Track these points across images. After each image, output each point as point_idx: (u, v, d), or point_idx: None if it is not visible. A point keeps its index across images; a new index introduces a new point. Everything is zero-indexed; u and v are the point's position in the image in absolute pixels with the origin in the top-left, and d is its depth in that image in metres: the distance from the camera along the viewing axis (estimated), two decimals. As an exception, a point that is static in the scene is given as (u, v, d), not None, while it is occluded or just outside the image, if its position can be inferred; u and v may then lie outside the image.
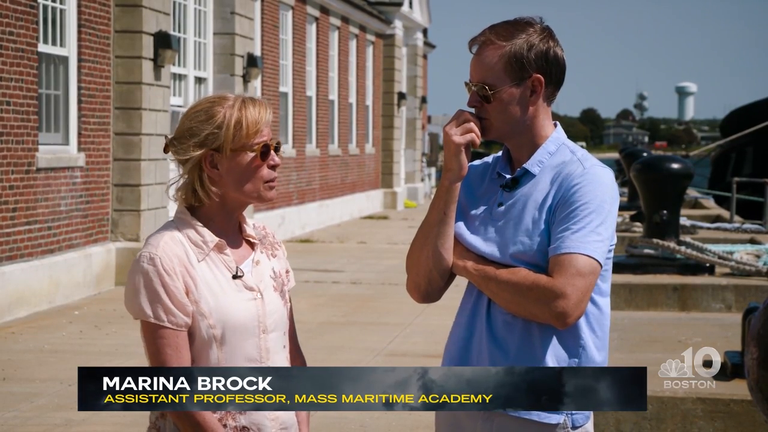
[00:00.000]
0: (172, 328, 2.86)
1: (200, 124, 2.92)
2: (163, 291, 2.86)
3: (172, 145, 2.96)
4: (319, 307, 11.88)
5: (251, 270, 3.00)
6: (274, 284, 3.03)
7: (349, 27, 25.95)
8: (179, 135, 2.95)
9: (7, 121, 10.88)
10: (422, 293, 3.11)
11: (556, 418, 2.97)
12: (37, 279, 11.32)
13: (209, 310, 2.89)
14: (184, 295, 2.87)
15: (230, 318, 2.91)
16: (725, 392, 6.42)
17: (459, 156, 3.00)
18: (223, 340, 2.90)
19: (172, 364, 2.85)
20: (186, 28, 15.88)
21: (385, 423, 7.14)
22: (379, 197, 28.92)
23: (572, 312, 2.89)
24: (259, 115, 2.94)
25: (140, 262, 2.89)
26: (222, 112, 2.91)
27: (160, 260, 2.87)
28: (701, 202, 22.79)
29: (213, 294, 2.91)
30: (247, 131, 2.91)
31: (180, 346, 2.87)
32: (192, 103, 3.06)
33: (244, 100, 2.95)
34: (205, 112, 2.93)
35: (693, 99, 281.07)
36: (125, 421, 7.06)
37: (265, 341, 2.97)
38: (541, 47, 3.01)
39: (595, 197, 2.95)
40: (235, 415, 2.90)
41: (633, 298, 10.07)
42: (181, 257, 2.90)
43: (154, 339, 2.87)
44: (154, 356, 2.87)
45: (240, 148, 2.91)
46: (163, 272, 2.86)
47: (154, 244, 2.91)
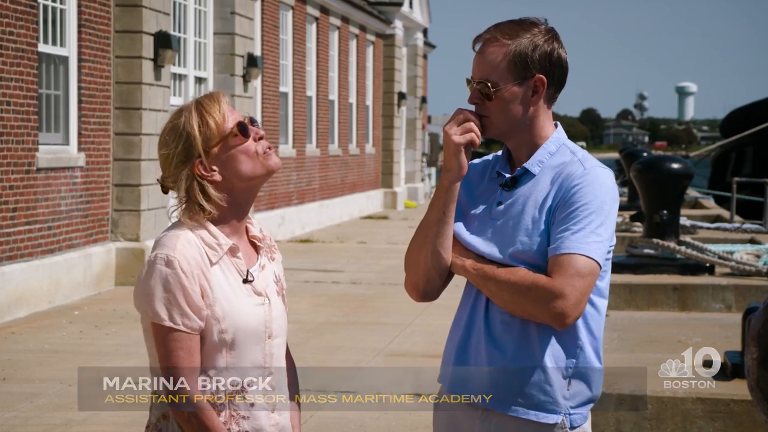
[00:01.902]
0: (186, 331, 2.83)
1: (172, 143, 2.90)
2: (181, 294, 2.82)
3: (165, 180, 2.94)
4: (319, 307, 11.88)
5: (258, 274, 2.99)
6: (276, 288, 3.03)
7: (349, 27, 25.95)
8: (164, 166, 2.93)
9: (7, 121, 10.88)
10: (421, 292, 3.11)
11: (554, 418, 2.97)
12: (37, 279, 11.32)
13: (223, 315, 2.87)
14: (200, 298, 2.85)
15: (242, 323, 2.89)
16: (725, 392, 6.42)
17: (458, 156, 3.00)
18: (233, 345, 2.88)
19: (183, 368, 2.82)
20: (186, 28, 15.88)
21: (385, 423, 7.14)
22: (379, 197, 28.91)
23: (571, 312, 2.88)
24: (217, 103, 2.92)
25: (156, 264, 2.83)
26: (183, 122, 2.90)
27: (179, 262, 2.83)
28: (701, 202, 22.78)
29: (227, 298, 2.89)
30: (216, 122, 2.89)
31: (193, 349, 2.84)
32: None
33: (197, 100, 2.94)
34: (170, 132, 2.92)
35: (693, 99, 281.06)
36: (125, 421, 7.06)
37: (270, 347, 2.97)
38: (546, 48, 3.01)
39: (596, 198, 2.95)
40: (239, 420, 2.90)
41: (633, 298, 10.06)
42: (198, 260, 2.86)
43: (167, 341, 2.83)
44: (166, 358, 2.84)
45: (220, 140, 2.90)
46: (182, 274, 2.82)
47: (170, 245, 2.86)
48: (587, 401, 3.03)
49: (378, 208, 28.67)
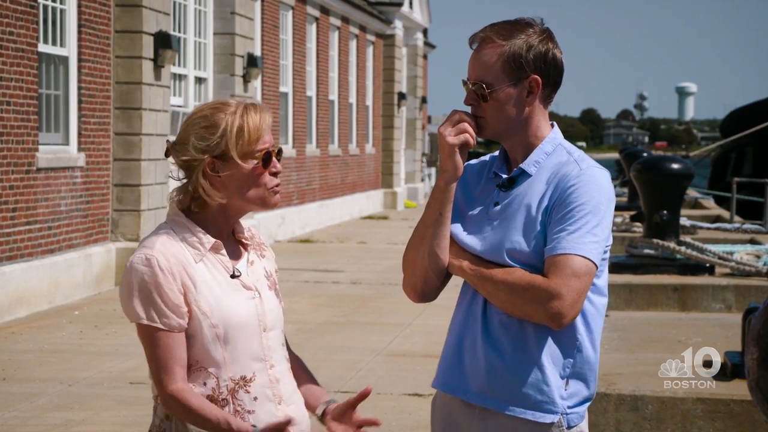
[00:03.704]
0: (164, 329, 2.85)
1: (203, 130, 2.91)
2: (156, 293, 2.84)
3: (174, 150, 2.95)
4: (319, 307, 11.88)
5: (246, 270, 3.01)
6: (268, 283, 3.05)
7: (349, 27, 25.95)
8: (181, 140, 2.94)
9: (7, 121, 10.88)
10: (418, 293, 3.11)
11: (551, 418, 2.98)
12: (37, 279, 11.32)
13: (210, 310, 2.89)
14: (179, 296, 2.87)
15: (231, 317, 2.91)
16: (725, 392, 6.41)
17: (453, 156, 3.01)
18: (226, 339, 2.90)
19: (168, 366, 2.85)
20: (186, 28, 15.88)
21: (385, 423, 7.14)
22: (379, 197, 28.92)
23: (567, 313, 2.89)
24: (261, 122, 2.94)
25: (134, 264, 2.87)
26: (224, 119, 2.91)
27: (157, 261, 2.86)
28: (701, 202, 22.77)
29: (213, 294, 2.91)
30: (249, 138, 2.91)
31: (171, 347, 2.86)
32: (194, 107, 3.04)
33: (246, 106, 2.94)
34: (208, 119, 2.92)
35: (693, 99, 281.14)
36: (125, 421, 7.06)
37: (267, 339, 2.98)
38: (540, 48, 3.02)
39: (592, 198, 2.95)
40: (243, 414, 2.91)
41: (633, 298, 10.05)
42: (179, 257, 2.89)
43: (149, 341, 2.87)
44: (150, 358, 2.88)
45: (242, 156, 2.91)
46: (159, 272, 2.85)
47: (149, 245, 2.89)
48: (584, 400, 3.04)
49: (378, 208, 28.67)
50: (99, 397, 7.68)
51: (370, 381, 8.30)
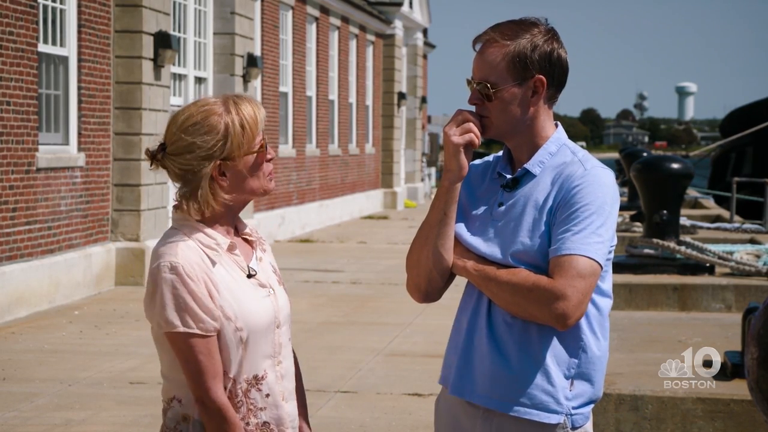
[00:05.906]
0: (202, 334, 2.82)
1: (203, 136, 2.86)
2: (190, 298, 2.81)
3: (169, 159, 2.88)
4: (319, 307, 11.88)
5: (258, 267, 3.00)
6: (276, 278, 3.05)
7: (349, 27, 25.94)
8: (178, 149, 2.87)
9: (7, 121, 10.88)
10: (422, 293, 3.10)
11: (556, 418, 2.97)
12: (37, 279, 11.32)
13: (234, 314, 2.87)
14: (209, 299, 2.84)
15: (254, 319, 2.90)
16: (725, 392, 6.41)
17: (458, 156, 3.00)
18: (247, 341, 2.90)
19: (207, 371, 2.82)
20: (186, 28, 15.88)
21: (385, 423, 7.14)
22: (379, 197, 28.91)
23: (572, 313, 2.88)
24: (255, 112, 2.92)
25: (161, 272, 2.82)
26: (221, 120, 2.87)
27: (183, 267, 2.82)
28: (701, 202, 22.76)
29: (235, 297, 2.89)
30: (252, 133, 2.90)
31: (212, 351, 2.84)
32: (174, 113, 2.96)
33: (234, 101, 2.91)
34: (203, 123, 2.86)
35: (693, 99, 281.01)
36: (125, 421, 7.05)
37: (279, 336, 2.99)
38: (545, 48, 3.01)
39: (596, 198, 2.94)
40: (256, 412, 2.92)
41: (633, 298, 10.05)
42: (200, 263, 2.86)
43: (186, 348, 2.82)
44: (188, 364, 2.83)
45: (246, 152, 2.90)
46: (188, 279, 2.81)
47: (171, 252, 2.84)
48: (589, 401, 3.03)
49: (378, 208, 28.67)
50: (99, 397, 7.68)
51: (370, 381, 8.30)
